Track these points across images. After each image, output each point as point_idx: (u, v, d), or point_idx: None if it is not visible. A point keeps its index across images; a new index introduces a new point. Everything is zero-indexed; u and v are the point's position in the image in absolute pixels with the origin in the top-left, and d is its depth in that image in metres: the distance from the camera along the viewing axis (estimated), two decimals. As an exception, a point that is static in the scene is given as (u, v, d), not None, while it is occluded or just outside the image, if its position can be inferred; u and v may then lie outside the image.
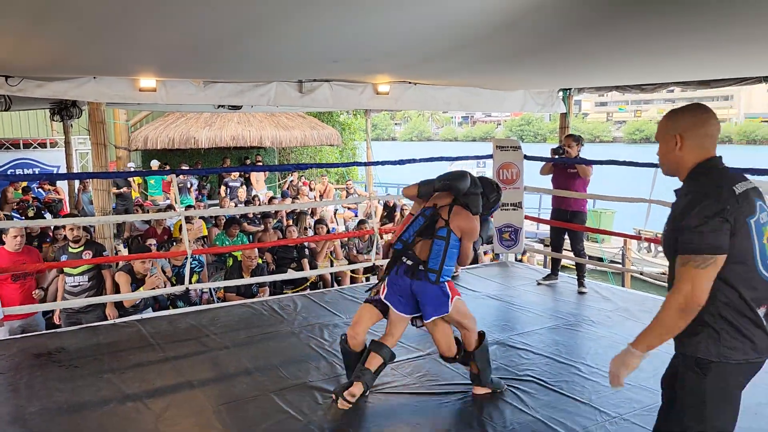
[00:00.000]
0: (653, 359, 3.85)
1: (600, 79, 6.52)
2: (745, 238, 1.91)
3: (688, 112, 2.07)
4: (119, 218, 6.64)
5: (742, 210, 1.91)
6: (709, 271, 1.89)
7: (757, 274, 1.94)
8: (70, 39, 3.61)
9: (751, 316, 1.93)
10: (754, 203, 1.96)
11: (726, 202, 1.89)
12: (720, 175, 2.00)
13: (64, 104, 7.98)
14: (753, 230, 1.92)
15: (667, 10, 3.08)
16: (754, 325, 1.94)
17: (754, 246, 1.93)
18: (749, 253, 1.93)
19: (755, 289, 1.94)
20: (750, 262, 1.93)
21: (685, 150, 2.04)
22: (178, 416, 3.32)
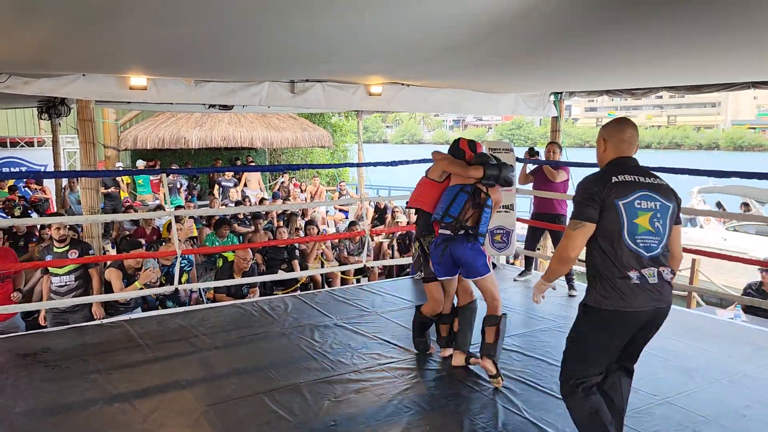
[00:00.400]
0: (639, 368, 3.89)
1: (591, 83, 6.56)
2: (614, 216, 2.49)
3: (612, 123, 2.73)
4: (108, 217, 6.59)
5: (611, 194, 2.50)
6: (579, 232, 2.54)
7: (625, 244, 2.50)
8: (58, 33, 3.57)
9: (620, 275, 2.50)
10: (632, 191, 2.52)
11: (596, 188, 2.53)
12: (615, 168, 2.60)
13: (52, 102, 7.90)
14: (622, 210, 2.49)
15: (657, 16, 3.10)
16: (623, 283, 2.50)
17: (622, 223, 2.49)
18: (617, 227, 2.50)
19: (623, 255, 2.50)
20: (618, 235, 2.50)
21: (607, 151, 2.69)
22: (166, 417, 3.28)
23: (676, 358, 4.16)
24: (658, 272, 2.53)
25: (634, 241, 2.50)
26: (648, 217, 2.52)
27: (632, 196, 2.51)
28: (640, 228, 2.50)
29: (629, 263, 2.50)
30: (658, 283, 2.53)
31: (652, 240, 2.53)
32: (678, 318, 5.13)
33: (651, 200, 2.54)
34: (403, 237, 8.42)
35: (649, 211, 2.53)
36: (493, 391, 3.61)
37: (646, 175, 2.60)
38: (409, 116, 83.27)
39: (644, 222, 2.51)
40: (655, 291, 2.53)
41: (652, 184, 2.57)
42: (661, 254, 2.55)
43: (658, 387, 3.67)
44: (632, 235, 2.50)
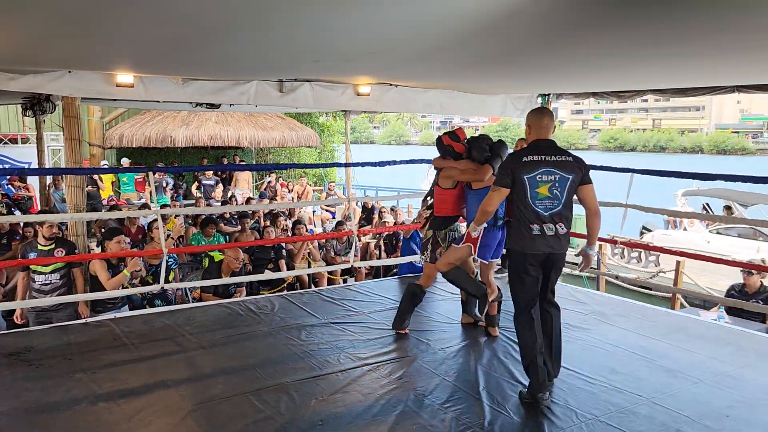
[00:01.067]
0: (627, 365, 3.91)
1: (578, 85, 6.61)
2: (521, 185, 3.40)
3: (534, 113, 3.62)
4: (93, 215, 6.53)
5: (520, 170, 3.39)
6: (496, 194, 3.49)
7: (529, 206, 3.39)
8: (44, 29, 3.53)
9: (527, 227, 3.41)
10: (536, 168, 3.38)
11: (511, 164, 3.46)
12: (532, 149, 3.46)
13: (37, 99, 7.80)
14: (526, 182, 3.38)
15: (644, 19, 3.13)
16: (530, 233, 3.40)
17: (527, 191, 3.39)
18: (524, 193, 3.39)
19: (528, 213, 3.40)
20: (525, 199, 3.40)
21: (531, 134, 3.56)
22: (152, 416, 3.26)
23: (660, 358, 4.20)
24: (554, 227, 3.40)
25: (536, 204, 3.38)
26: (548, 187, 3.38)
27: (535, 172, 3.38)
28: (540, 195, 3.38)
29: (532, 219, 3.39)
30: (553, 235, 3.41)
31: (549, 203, 3.39)
32: (662, 319, 5.20)
33: (551, 174, 3.39)
34: (390, 237, 8.44)
35: (548, 182, 3.38)
36: (479, 391, 3.62)
37: (555, 154, 3.42)
38: (397, 117, 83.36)
39: (544, 190, 3.38)
40: (550, 239, 3.41)
41: (556, 161, 3.40)
42: (557, 213, 3.40)
43: (642, 387, 3.70)
44: (534, 200, 3.38)
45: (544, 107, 3.68)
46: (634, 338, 4.62)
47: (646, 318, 5.16)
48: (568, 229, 3.47)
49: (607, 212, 6.25)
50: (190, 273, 7.09)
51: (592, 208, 3.49)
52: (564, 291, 6.04)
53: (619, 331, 4.81)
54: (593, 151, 73.68)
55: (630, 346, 4.44)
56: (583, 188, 3.46)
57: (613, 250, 12.97)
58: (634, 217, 6.37)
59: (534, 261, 3.44)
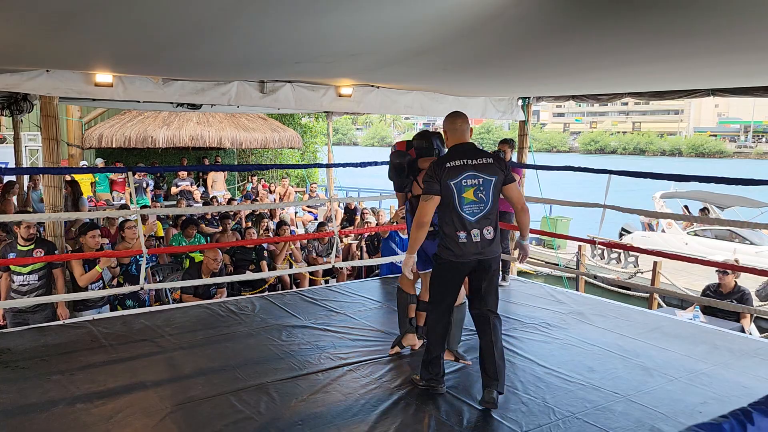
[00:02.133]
0: (604, 364, 3.96)
1: (557, 88, 6.68)
2: (447, 192, 3.31)
3: (448, 117, 3.54)
4: (72, 215, 6.45)
5: (446, 176, 3.31)
6: (429, 203, 3.33)
7: (457, 212, 3.32)
8: (22, 29, 3.50)
9: (453, 235, 3.34)
10: (460, 173, 3.32)
11: (437, 170, 3.34)
12: (453, 153, 3.41)
13: (14, 98, 7.69)
14: (453, 188, 3.30)
15: (621, 24, 3.18)
16: (455, 241, 3.33)
17: (454, 197, 3.31)
18: (452, 200, 3.32)
19: (456, 220, 3.33)
20: (452, 206, 3.32)
21: (449, 139, 3.52)
22: (131, 418, 3.24)
23: (636, 357, 4.26)
24: (480, 232, 3.34)
25: (463, 209, 3.32)
26: (472, 191, 3.33)
27: (460, 177, 3.32)
28: (466, 200, 3.32)
29: (458, 226, 3.33)
30: (479, 241, 3.34)
31: (476, 207, 3.34)
32: (639, 318, 5.28)
33: (475, 178, 3.34)
34: (372, 238, 8.45)
35: (472, 186, 3.33)
36: (458, 390, 3.65)
37: (475, 157, 3.38)
38: (380, 118, 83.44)
39: (470, 195, 3.33)
40: (478, 246, 3.34)
41: (477, 164, 3.36)
42: (484, 217, 3.35)
43: (618, 385, 3.76)
44: (461, 205, 3.32)
45: (457, 111, 3.55)
46: (612, 337, 4.69)
47: (623, 317, 5.24)
48: (497, 233, 3.40)
49: (585, 213, 6.37)
50: (171, 274, 7.04)
51: (518, 204, 3.53)
52: (543, 291, 6.11)
53: (597, 330, 4.88)
54: (574, 154, 74.44)
55: (607, 344, 4.51)
56: (507, 188, 3.43)
57: (593, 251, 13.13)
58: (613, 219, 6.47)
59: (462, 269, 3.39)
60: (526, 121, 7.73)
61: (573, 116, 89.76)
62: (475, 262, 3.36)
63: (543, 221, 13.45)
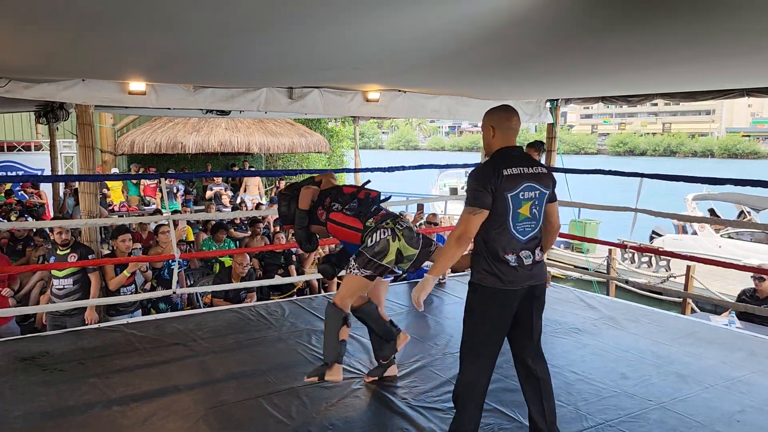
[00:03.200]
0: (637, 371, 3.89)
1: (586, 90, 6.61)
2: (502, 205, 2.72)
3: (500, 110, 2.91)
4: (107, 221, 6.60)
5: (502, 186, 2.71)
6: (477, 217, 2.71)
7: (509, 231, 2.76)
8: (59, 41, 3.59)
9: (500, 258, 2.75)
10: (519, 184, 2.75)
11: (490, 179, 2.71)
12: (503, 160, 2.79)
13: (51, 107, 7.91)
14: (509, 201, 2.73)
15: (653, 23, 3.14)
16: (506, 264, 2.75)
17: (509, 212, 2.74)
18: (505, 216, 2.74)
19: (507, 240, 2.76)
20: (504, 222, 2.74)
21: (495, 138, 2.87)
22: (165, 421, 3.30)
23: (670, 363, 4.19)
24: (532, 254, 2.82)
25: (516, 227, 2.78)
26: (529, 206, 2.80)
27: (518, 189, 2.76)
28: (521, 216, 2.78)
29: (508, 247, 2.77)
30: (531, 263, 2.82)
31: (529, 225, 2.81)
32: (673, 324, 5.19)
33: (532, 190, 2.80)
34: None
35: (530, 200, 2.80)
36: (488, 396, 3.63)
37: (530, 165, 2.84)
38: (405, 122, 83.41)
39: (525, 211, 2.79)
40: (530, 269, 2.81)
41: (534, 174, 2.83)
42: (534, 236, 2.84)
43: (652, 392, 3.70)
44: (515, 223, 2.77)
45: (510, 106, 2.95)
46: (645, 343, 4.62)
47: (656, 323, 5.15)
48: (544, 252, 2.94)
49: (615, 215, 6.27)
50: (202, 278, 7.14)
51: (556, 225, 3.03)
52: (573, 296, 6.05)
53: (629, 336, 4.81)
54: (603, 156, 73.44)
55: (640, 351, 4.44)
56: (551, 205, 2.94)
57: (623, 255, 12.93)
58: (643, 222, 6.37)
59: (512, 299, 2.81)
60: (554, 124, 7.67)
61: (601, 117, 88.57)
62: (526, 288, 2.83)
63: (572, 225, 13.31)
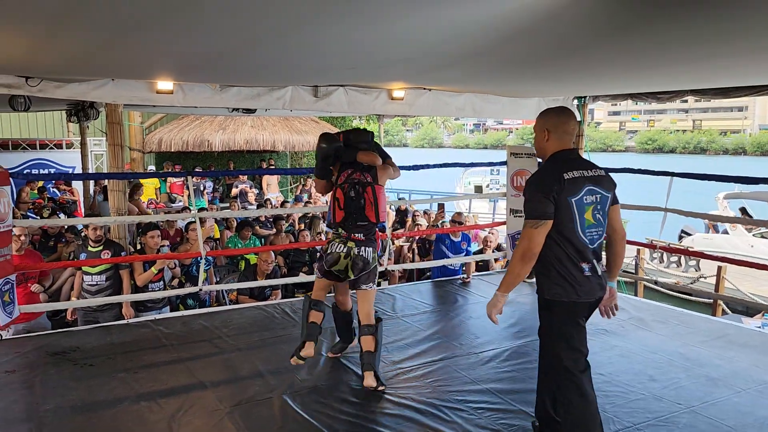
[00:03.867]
0: (666, 373, 3.82)
1: (615, 87, 6.50)
2: (567, 212, 2.60)
3: (555, 113, 2.80)
4: (135, 219, 6.69)
5: (565, 191, 2.59)
6: (540, 230, 2.58)
7: (578, 238, 2.63)
8: (88, 42, 3.65)
9: (573, 269, 2.63)
10: (581, 187, 2.63)
11: (552, 185, 2.59)
12: (562, 163, 2.68)
13: (81, 105, 8.06)
14: (574, 207, 2.61)
15: (686, 17, 3.07)
16: (581, 273, 2.63)
17: (575, 218, 2.61)
18: (571, 222, 2.61)
19: (577, 249, 2.63)
20: (571, 230, 2.61)
21: (550, 141, 2.75)
22: (191, 417, 3.34)
23: (701, 366, 4.11)
24: (598, 264, 2.71)
25: (584, 234, 2.65)
26: (591, 210, 2.66)
27: (581, 193, 2.64)
28: (587, 222, 2.65)
29: (581, 256, 2.65)
30: (601, 273, 2.72)
31: (596, 231, 2.69)
32: (703, 325, 5.08)
33: (594, 194, 2.68)
34: (423, 241, 8.42)
35: (592, 204, 2.67)
36: (513, 397, 3.60)
37: (589, 168, 2.73)
38: (430, 120, 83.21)
39: (589, 216, 2.66)
40: (600, 279, 2.71)
41: (594, 177, 2.71)
42: (600, 243, 2.73)
43: (682, 396, 3.63)
44: (583, 230, 2.65)
45: (567, 108, 2.87)
46: (674, 345, 4.53)
47: (685, 324, 5.06)
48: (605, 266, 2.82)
49: (644, 215, 6.16)
50: (227, 275, 7.21)
51: (621, 232, 2.87)
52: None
53: (657, 337, 4.73)
54: (631, 153, 72.35)
55: (669, 353, 4.36)
56: (614, 209, 2.80)
57: (652, 255, 12.72)
58: (672, 220, 6.25)
59: (587, 311, 2.73)
60: (581, 122, 7.57)
61: (629, 114, 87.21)
62: (597, 299, 2.73)
63: (599, 223, 13.13)
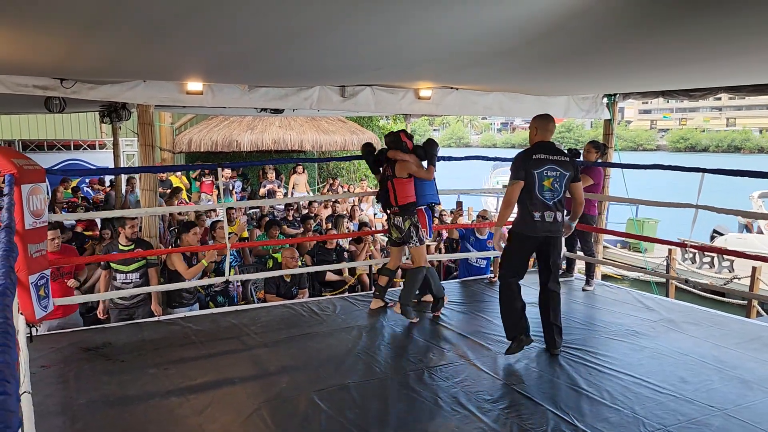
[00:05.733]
0: (698, 375, 3.75)
1: (646, 84, 6.40)
2: (531, 179, 4.03)
3: (542, 118, 4.25)
4: (165, 210, 6.80)
5: (531, 165, 4.04)
6: (515, 187, 4.06)
7: (536, 196, 4.05)
8: (121, 45, 3.74)
9: (529, 215, 4.08)
10: (544, 165, 4.05)
11: (524, 160, 4.07)
12: (538, 148, 4.11)
13: (114, 107, 8.23)
14: (536, 177, 4.04)
15: (717, 12, 3.01)
16: (531, 218, 4.07)
17: (535, 183, 4.04)
18: (533, 186, 4.04)
19: (534, 203, 4.06)
20: (532, 191, 4.05)
21: (537, 135, 4.21)
22: (220, 412, 3.38)
23: (734, 368, 4.02)
24: (554, 214, 4.09)
25: (541, 195, 4.06)
26: (551, 181, 4.06)
27: (543, 168, 4.05)
28: (545, 187, 4.06)
29: (536, 208, 4.06)
30: (551, 221, 4.09)
31: (551, 194, 4.08)
32: (736, 327, 4.97)
33: (554, 171, 4.08)
34: (451, 240, 8.39)
35: (551, 177, 4.06)
36: (541, 397, 3.57)
37: (555, 154, 4.11)
38: (457, 119, 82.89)
39: (548, 184, 4.06)
40: (549, 225, 4.09)
41: (557, 160, 4.09)
42: (556, 203, 4.10)
43: (714, 398, 3.56)
44: (541, 192, 4.05)
45: (549, 115, 4.29)
46: (706, 347, 4.45)
47: (718, 326, 4.95)
48: (564, 217, 4.19)
49: (675, 214, 6.05)
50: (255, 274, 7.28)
51: (578, 199, 4.34)
52: (630, 297, 5.89)
53: (689, 339, 4.64)
54: (662, 152, 71.07)
55: (701, 355, 4.27)
56: (575, 185, 4.25)
57: (684, 255, 12.47)
58: (704, 221, 6.13)
59: (532, 243, 4.16)
60: (611, 120, 7.46)
61: (661, 113, 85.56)
62: (543, 237, 4.11)
63: (629, 223, 12.89)
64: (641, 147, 73.85)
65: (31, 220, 4.05)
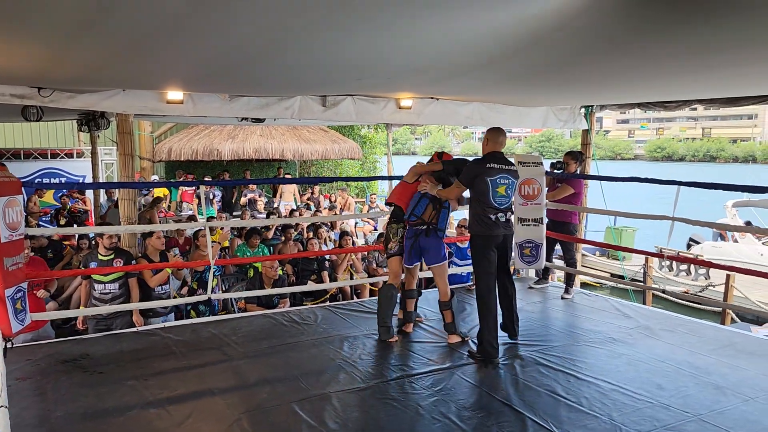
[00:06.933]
0: (674, 381, 3.81)
1: (623, 96, 6.52)
2: (485, 186, 4.41)
3: (494, 131, 4.59)
4: (145, 228, 6.73)
5: (483, 173, 4.41)
6: (458, 190, 4.59)
7: (490, 201, 4.42)
8: (102, 54, 3.72)
9: (486, 218, 4.44)
10: (497, 173, 4.42)
11: (476, 169, 4.45)
12: (490, 159, 4.48)
13: (92, 115, 8.15)
14: (489, 184, 4.41)
15: (692, 28, 3.09)
16: (490, 220, 4.44)
17: (489, 190, 4.41)
18: (486, 192, 4.41)
19: (490, 207, 4.42)
20: (486, 196, 4.42)
21: (488, 145, 4.57)
22: (200, 423, 3.36)
23: (708, 375, 4.10)
24: (505, 216, 4.50)
25: (495, 199, 4.43)
26: (504, 188, 4.46)
27: (496, 176, 4.43)
28: (498, 194, 4.44)
29: (491, 211, 4.43)
30: (504, 222, 4.49)
31: (504, 200, 4.47)
32: (711, 334, 5.06)
33: (506, 179, 4.47)
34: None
35: (504, 184, 4.46)
36: (521, 405, 3.61)
37: (506, 164, 4.51)
38: (438, 128, 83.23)
39: (501, 190, 4.46)
40: (503, 225, 4.49)
41: (508, 169, 4.50)
42: (508, 206, 4.51)
43: (689, 404, 3.62)
44: (494, 197, 4.43)
45: (501, 129, 4.64)
46: (682, 354, 4.52)
47: (693, 333, 5.04)
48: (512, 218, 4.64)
49: (653, 223, 6.15)
50: (236, 283, 7.25)
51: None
52: (608, 304, 5.96)
53: (665, 346, 4.72)
54: (639, 161, 72.07)
55: (677, 361, 4.35)
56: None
57: (661, 263, 12.66)
58: (682, 228, 6.23)
59: (493, 242, 4.49)
60: (589, 131, 7.58)
61: (638, 122, 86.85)
62: (502, 236, 4.52)
63: (607, 232, 13.07)
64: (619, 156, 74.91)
65: (7, 233, 3.99)
